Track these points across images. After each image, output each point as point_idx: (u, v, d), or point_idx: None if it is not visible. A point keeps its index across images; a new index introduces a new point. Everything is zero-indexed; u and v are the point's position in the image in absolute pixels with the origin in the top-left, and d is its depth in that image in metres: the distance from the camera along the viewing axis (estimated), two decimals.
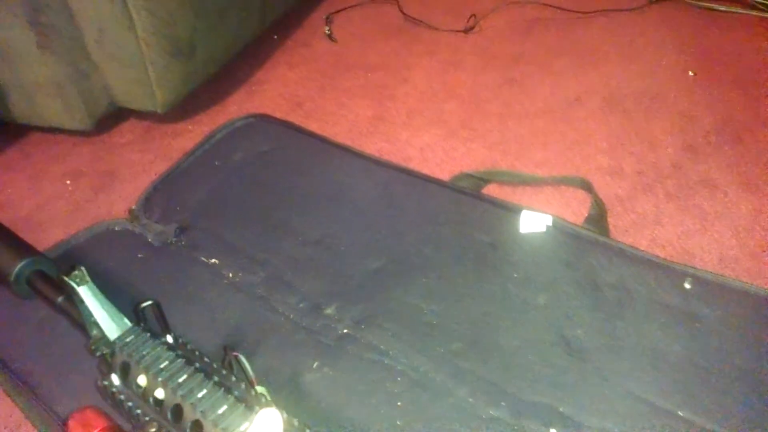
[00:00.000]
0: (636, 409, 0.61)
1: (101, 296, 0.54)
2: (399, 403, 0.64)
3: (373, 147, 1.07)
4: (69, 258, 0.84)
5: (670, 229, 0.87)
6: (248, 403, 0.46)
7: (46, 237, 0.90)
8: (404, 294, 0.75)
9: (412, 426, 0.62)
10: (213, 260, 0.83)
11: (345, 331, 0.72)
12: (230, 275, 0.81)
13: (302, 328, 0.73)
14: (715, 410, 0.60)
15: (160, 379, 0.48)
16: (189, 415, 0.46)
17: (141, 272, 0.82)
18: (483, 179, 0.96)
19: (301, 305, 0.76)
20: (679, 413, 0.60)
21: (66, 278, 0.53)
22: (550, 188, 0.96)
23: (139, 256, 0.85)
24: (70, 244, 0.86)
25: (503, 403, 0.63)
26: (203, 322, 0.75)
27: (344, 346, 0.70)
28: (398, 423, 0.62)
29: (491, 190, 0.95)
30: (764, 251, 0.82)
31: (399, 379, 0.66)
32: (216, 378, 0.48)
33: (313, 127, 1.07)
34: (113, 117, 1.13)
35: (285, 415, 0.44)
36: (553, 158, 1.02)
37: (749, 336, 0.66)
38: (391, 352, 0.69)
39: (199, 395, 0.46)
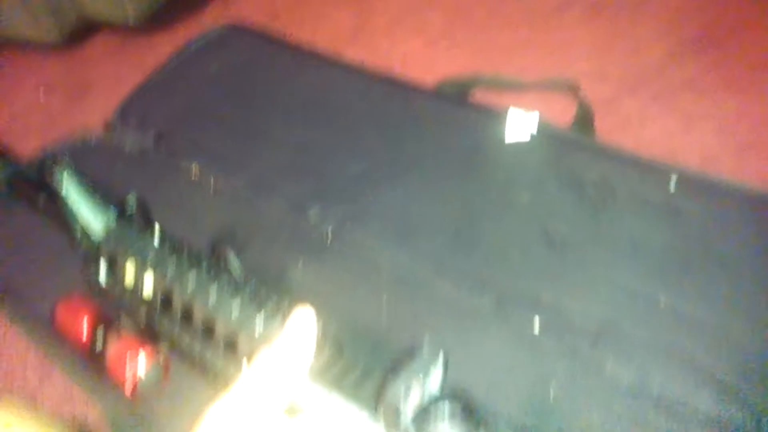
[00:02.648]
0: (617, 295, 0.62)
1: (84, 188, 0.52)
2: (384, 297, 0.64)
3: (354, 56, 1.04)
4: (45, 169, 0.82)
5: (654, 130, 0.86)
6: (237, 287, 0.45)
7: (21, 149, 0.87)
8: (387, 195, 0.75)
9: (397, 317, 0.62)
10: (194, 165, 0.81)
11: (329, 230, 0.72)
12: (212, 181, 0.79)
13: (287, 229, 0.73)
14: (696, 295, 0.61)
15: (147, 268, 0.47)
16: (178, 300, 0.45)
17: (120, 182, 0.79)
18: (467, 85, 0.94)
19: (284, 207, 0.75)
20: (660, 297, 0.61)
21: (46, 170, 0.52)
22: (535, 94, 0.94)
23: (118, 165, 0.83)
24: (45, 155, 0.84)
25: (487, 294, 0.63)
26: (186, 227, 0.74)
27: (329, 245, 0.70)
28: (383, 316, 0.63)
29: (476, 97, 0.94)
30: (745, 150, 0.82)
31: (384, 274, 0.67)
32: (204, 267, 0.48)
33: (292, 37, 1.04)
34: (85, 30, 1.09)
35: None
36: (536, 64, 1.00)
37: (730, 227, 0.66)
38: (375, 249, 0.69)
39: (188, 281, 0.45)
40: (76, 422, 0.65)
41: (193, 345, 0.44)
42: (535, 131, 0.79)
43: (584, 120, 0.86)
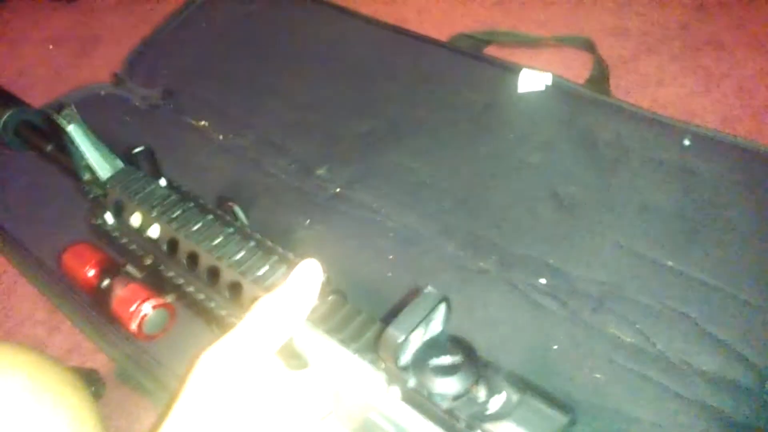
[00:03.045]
0: (625, 259, 0.61)
1: (92, 136, 0.52)
2: (390, 257, 0.64)
3: (367, 8, 1.01)
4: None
5: (672, 90, 0.84)
6: (244, 236, 0.45)
7: (29, 102, 0.88)
8: (396, 155, 0.74)
9: (402, 277, 0.62)
10: (202, 122, 0.81)
11: (337, 190, 0.71)
12: (220, 137, 0.79)
13: (294, 188, 0.72)
14: (703, 261, 0.60)
15: (154, 214, 0.47)
16: (185, 246, 0.45)
17: (128, 135, 0.80)
18: (482, 40, 0.91)
19: (292, 166, 0.75)
20: (668, 263, 0.60)
21: (55, 116, 0.51)
22: (551, 49, 0.92)
23: (126, 119, 0.83)
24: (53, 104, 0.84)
25: (493, 256, 0.63)
26: (194, 184, 0.73)
27: (336, 205, 0.70)
28: (389, 275, 0.63)
29: (491, 51, 0.91)
30: (765, 112, 0.80)
31: (390, 234, 0.66)
32: (210, 216, 0.48)
33: None
34: None
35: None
36: (556, 18, 0.97)
37: (742, 191, 0.65)
38: (382, 210, 0.69)
39: (195, 228, 0.45)
40: (84, 369, 0.66)
41: (198, 291, 0.44)
42: (548, 89, 0.77)
43: (600, 77, 0.84)
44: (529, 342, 0.57)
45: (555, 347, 0.56)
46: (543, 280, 0.61)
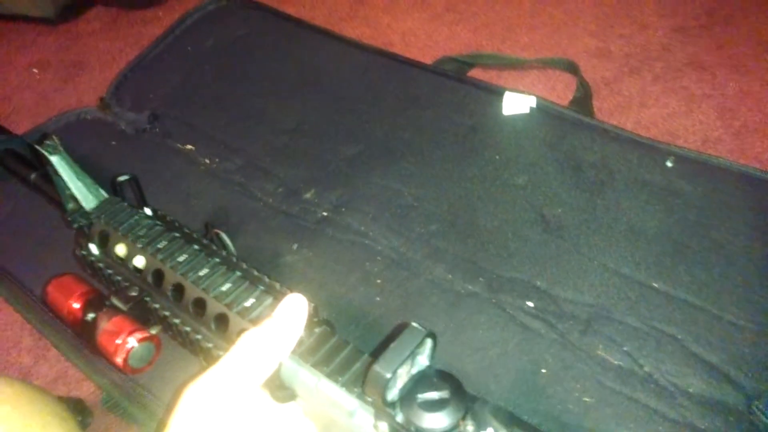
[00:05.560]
0: (611, 281, 0.61)
1: (76, 167, 0.52)
2: (378, 281, 0.64)
3: (352, 32, 1.03)
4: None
5: (655, 111, 0.85)
6: (229, 266, 0.45)
7: (14, 128, 0.87)
8: (383, 178, 0.74)
9: (391, 301, 0.62)
10: (189, 147, 0.81)
11: (324, 214, 0.71)
12: (207, 162, 0.79)
13: (281, 213, 0.72)
14: (689, 282, 0.60)
15: (139, 245, 0.47)
16: (170, 278, 0.45)
17: (115, 160, 0.80)
18: (466, 63, 0.92)
19: (279, 190, 0.75)
20: (654, 285, 0.60)
21: (38, 147, 0.51)
22: (535, 71, 0.93)
23: (113, 143, 0.82)
24: (38, 133, 0.83)
25: (481, 279, 0.63)
26: (180, 209, 0.74)
27: (323, 229, 0.70)
28: (377, 299, 0.63)
29: (475, 74, 0.92)
30: (748, 131, 0.81)
31: (378, 258, 0.66)
32: (196, 246, 0.47)
33: (289, 11, 1.02)
34: (78, 5, 1.07)
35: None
36: (539, 41, 0.98)
37: (727, 211, 0.66)
38: (370, 234, 0.69)
39: (180, 259, 0.45)
40: (71, 399, 0.65)
41: (184, 323, 0.44)
42: (533, 111, 0.78)
43: (583, 99, 0.85)
44: (518, 365, 0.57)
45: (543, 371, 0.56)
46: (531, 303, 0.61)
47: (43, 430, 0.52)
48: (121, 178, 0.52)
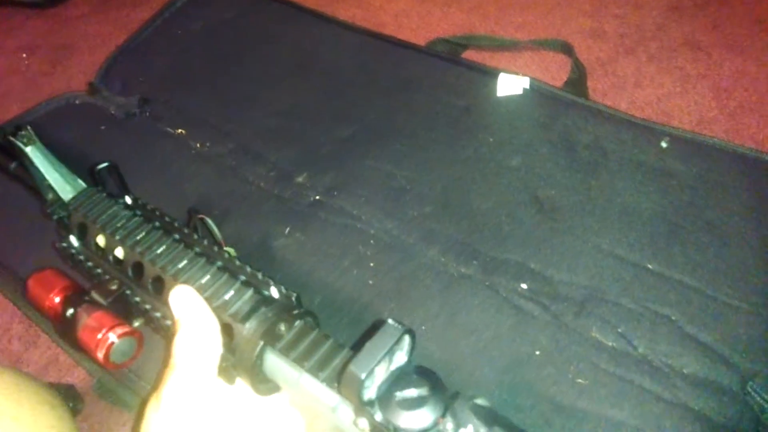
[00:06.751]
0: (605, 263, 0.61)
1: (52, 157, 0.51)
2: (371, 264, 0.64)
3: (344, 13, 1.01)
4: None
5: (650, 92, 0.84)
6: (209, 258, 0.44)
7: (2, 113, 0.86)
8: (376, 161, 0.74)
9: (384, 285, 0.62)
10: (179, 131, 0.80)
11: (316, 197, 0.71)
12: (197, 146, 0.78)
13: (273, 196, 0.71)
14: (684, 263, 0.60)
15: (118, 237, 0.46)
16: (149, 271, 0.44)
17: (105, 144, 0.79)
18: (460, 44, 0.91)
19: (271, 174, 0.74)
20: (649, 266, 0.60)
21: (12, 138, 0.50)
22: (529, 53, 0.92)
23: (102, 128, 0.81)
24: (27, 118, 0.82)
25: (474, 261, 0.63)
26: (171, 192, 0.73)
27: (316, 213, 0.69)
28: (370, 282, 0.62)
29: (469, 55, 0.91)
30: (744, 111, 0.80)
31: (371, 242, 0.66)
32: (176, 236, 0.47)
33: None
34: None
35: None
36: (533, 21, 0.97)
37: (721, 192, 0.65)
38: (363, 217, 0.68)
39: (158, 251, 0.45)
40: (62, 385, 0.65)
41: (164, 316, 0.43)
42: (527, 92, 0.77)
43: (577, 80, 0.84)
44: (512, 347, 0.57)
45: (537, 353, 0.56)
46: (524, 285, 0.60)
47: (33, 417, 0.51)
48: (100, 167, 0.51)
